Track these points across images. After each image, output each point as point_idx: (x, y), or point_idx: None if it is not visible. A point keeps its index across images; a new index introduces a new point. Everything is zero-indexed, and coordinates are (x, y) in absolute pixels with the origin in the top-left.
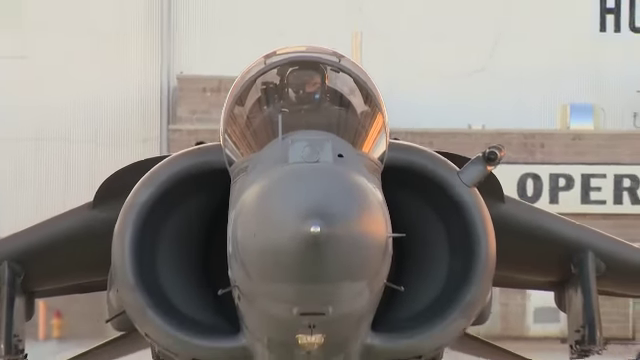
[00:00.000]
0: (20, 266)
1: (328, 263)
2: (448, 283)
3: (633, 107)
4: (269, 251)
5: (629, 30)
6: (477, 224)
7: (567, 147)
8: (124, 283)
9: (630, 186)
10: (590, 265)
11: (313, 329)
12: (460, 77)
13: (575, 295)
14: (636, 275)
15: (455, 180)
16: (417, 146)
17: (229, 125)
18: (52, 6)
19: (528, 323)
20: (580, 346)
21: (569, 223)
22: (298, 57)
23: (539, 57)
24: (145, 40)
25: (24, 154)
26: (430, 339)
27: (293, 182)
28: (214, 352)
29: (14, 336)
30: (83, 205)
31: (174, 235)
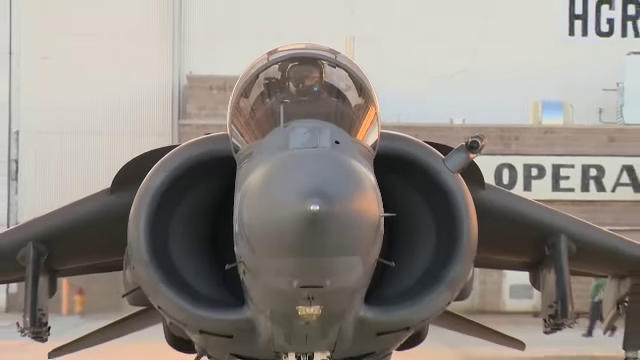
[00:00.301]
0: (44, 246)
1: (326, 239)
2: (434, 261)
3: (599, 104)
4: (272, 228)
5: (595, 34)
6: (461, 207)
7: (539, 140)
8: (139, 260)
9: (596, 175)
10: (563, 247)
11: (312, 301)
12: (444, 77)
13: (549, 274)
14: (603, 256)
15: (441, 167)
16: (407, 136)
17: (235, 116)
18: (74, 12)
19: (504, 299)
20: (553, 320)
21: (543, 208)
22: (298, 54)
23: (515, 59)
24: (158, 44)
25: (48, 145)
26: (418, 312)
27: (294, 165)
28: (220, 323)
29: (38, 310)
30: (101, 191)
31: (185, 216)
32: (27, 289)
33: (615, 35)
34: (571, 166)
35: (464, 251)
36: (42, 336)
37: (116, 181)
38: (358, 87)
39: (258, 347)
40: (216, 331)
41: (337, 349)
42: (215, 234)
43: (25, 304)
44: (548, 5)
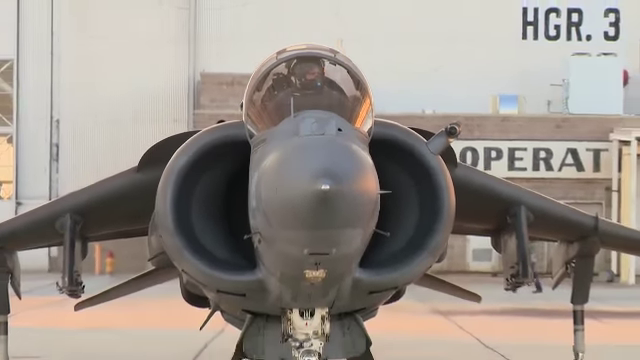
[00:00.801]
0: (79, 216)
1: (334, 214)
2: (418, 231)
3: (547, 96)
4: (288, 204)
5: (544, 38)
6: (442, 185)
7: (497, 127)
8: (166, 230)
9: (545, 157)
10: (523, 216)
11: (318, 266)
12: (418, 74)
13: (510, 239)
14: (556, 224)
15: (424, 149)
16: (396, 123)
17: (250, 107)
18: (106, 19)
19: (468, 261)
20: (514, 279)
21: (506, 183)
22: (303, 53)
23: (477, 59)
24: (176, 47)
25: (83, 131)
26: (405, 274)
27: (306, 150)
28: (235, 284)
29: (74, 271)
30: (129, 169)
31: (204, 193)
32: (65, 253)
33: (561, 39)
34: (524, 149)
35: (444, 222)
36: (77, 293)
37: (142, 161)
38: (355, 81)
39: (267, 304)
40: (231, 290)
41: (335, 306)
42: (229, 207)
43: (63, 266)
44: (505, 13)
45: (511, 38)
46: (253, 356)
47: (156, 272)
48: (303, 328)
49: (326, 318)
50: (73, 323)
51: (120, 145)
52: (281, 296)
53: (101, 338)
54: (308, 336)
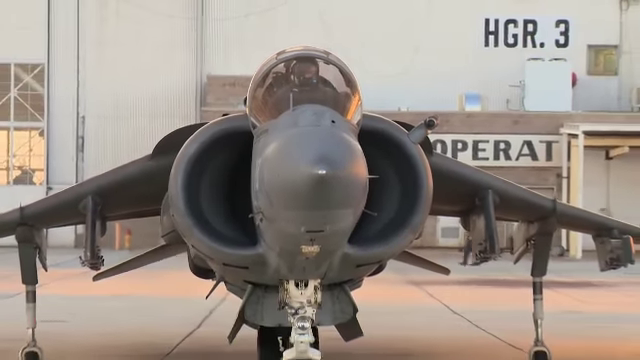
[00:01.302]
0: (99, 198)
1: (329, 195)
2: (400, 211)
3: (506, 96)
4: (288, 186)
5: (504, 45)
6: (421, 171)
7: (463, 122)
8: (177, 210)
9: (504, 148)
10: (490, 199)
11: (313, 242)
12: (395, 76)
13: (478, 220)
14: (519, 206)
15: (406, 140)
16: (381, 116)
17: (253, 102)
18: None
19: (437, 238)
20: (483, 254)
21: (475, 170)
22: (300, 54)
23: (446, 63)
24: (186, 53)
25: (105, 126)
26: (389, 249)
27: (305, 139)
28: (238, 258)
29: (95, 247)
30: (143, 157)
31: (211, 177)
32: (87, 231)
33: (518, 46)
34: (486, 141)
35: (423, 203)
36: (97, 266)
37: (155, 150)
38: (346, 79)
39: (266, 276)
40: (235, 263)
41: (326, 277)
42: (233, 190)
43: (85, 242)
44: (470, 24)
45: (475, 45)
46: (253, 321)
47: (166, 247)
48: (298, 297)
49: (318, 288)
50: (95, 291)
51: (137, 138)
52: (279, 269)
53: (119, 304)
54: (302, 304)
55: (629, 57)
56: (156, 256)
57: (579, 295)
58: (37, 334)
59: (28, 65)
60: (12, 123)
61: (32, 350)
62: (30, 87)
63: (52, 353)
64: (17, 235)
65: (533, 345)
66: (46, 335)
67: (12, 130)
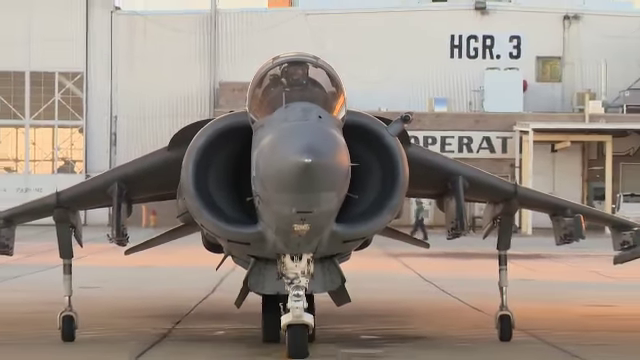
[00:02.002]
0: (124, 184)
1: (315, 180)
2: (381, 194)
3: (468, 99)
4: (280, 173)
5: (466, 57)
6: (399, 160)
7: (432, 121)
8: (188, 194)
9: (467, 142)
10: (460, 184)
11: (303, 221)
12: (376, 82)
13: (450, 201)
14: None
15: (385, 132)
16: (364, 112)
17: (252, 100)
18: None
19: (412, 217)
20: (454, 231)
21: (448, 159)
22: (292, 58)
23: (419, 72)
24: (201, 63)
25: (134, 124)
26: (371, 227)
27: (293, 132)
28: (241, 235)
29: (121, 225)
30: (162, 149)
31: (217, 165)
32: (113, 212)
33: (478, 57)
34: (452, 137)
35: (400, 188)
36: (123, 242)
37: (171, 143)
38: (332, 81)
39: (266, 250)
40: (238, 240)
41: (317, 251)
42: (236, 177)
43: (112, 222)
44: (439, 39)
45: (443, 57)
46: (255, 290)
47: (184, 227)
48: (293, 269)
49: (311, 261)
50: (124, 263)
51: (160, 134)
52: (276, 244)
53: (145, 274)
54: (297, 275)
55: (571, 67)
56: (176, 234)
57: (531, 265)
58: (74, 299)
59: (69, 73)
60: (56, 122)
61: (68, 314)
62: (71, 92)
63: (88, 314)
64: (54, 216)
65: (499, 310)
66: (83, 299)
67: (56, 128)
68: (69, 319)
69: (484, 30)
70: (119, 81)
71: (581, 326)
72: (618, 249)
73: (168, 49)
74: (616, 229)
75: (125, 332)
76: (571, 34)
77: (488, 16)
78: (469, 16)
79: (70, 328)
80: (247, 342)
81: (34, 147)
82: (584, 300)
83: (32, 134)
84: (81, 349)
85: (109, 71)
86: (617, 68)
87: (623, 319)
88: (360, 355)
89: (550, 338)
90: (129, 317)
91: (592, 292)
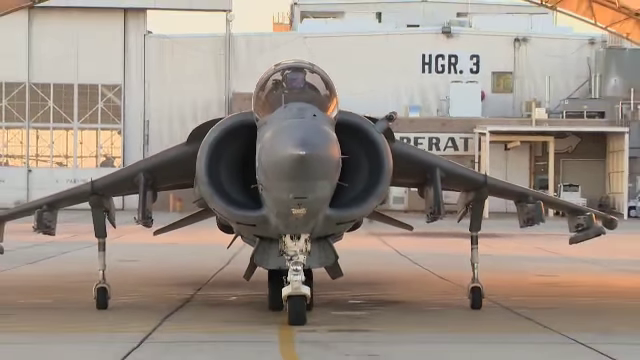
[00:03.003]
0: (149, 174)
1: (309, 170)
2: (368, 183)
3: (437, 107)
4: (279, 164)
5: (435, 72)
6: (383, 153)
7: (407, 125)
8: (202, 182)
9: (435, 142)
10: (438, 175)
11: (300, 205)
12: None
13: (429, 190)
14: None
15: (372, 130)
16: (353, 112)
17: (257, 101)
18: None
19: (390, 203)
20: (432, 215)
21: (427, 153)
22: (292, 65)
23: (396, 84)
24: (218, 76)
25: (163, 127)
26: (360, 211)
27: (291, 128)
28: (247, 217)
29: (146, 210)
30: (180, 144)
31: (227, 157)
32: (139, 199)
33: (445, 72)
34: (423, 138)
35: (385, 177)
36: (148, 224)
37: (189, 138)
38: (326, 84)
39: (269, 231)
40: (245, 222)
41: (313, 232)
42: (244, 167)
43: (138, 207)
44: (413, 58)
45: (415, 72)
46: (260, 265)
47: (203, 212)
48: (293, 247)
49: (308, 240)
50: (156, 241)
51: (184, 134)
52: (278, 226)
53: (171, 249)
54: (296, 252)
55: (520, 80)
56: (196, 218)
57: (488, 243)
58: (112, 271)
59: (110, 86)
60: (99, 125)
61: (102, 286)
62: (112, 101)
63: (126, 282)
64: (90, 202)
65: (470, 282)
66: (122, 270)
67: (99, 130)
68: (103, 290)
69: (449, 50)
70: (150, 92)
71: (531, 292)
72: (573, 231)
73: (190, 65)
74: (571, 214)
75: (155, 297)
76: (520, 53)
77: (453, 39)
78: (437, 39)
79: (104, 298)
80: (256, 306)
81: (81, 146)
82: (532, 271)
83: (79, 135)
84: (114, 313)
85: (142, 83)
86: (558, 81)
87: (564, 286)
88: (348, 317)
89: (507, 303)
90: (159, 285)
91: (538, 264)
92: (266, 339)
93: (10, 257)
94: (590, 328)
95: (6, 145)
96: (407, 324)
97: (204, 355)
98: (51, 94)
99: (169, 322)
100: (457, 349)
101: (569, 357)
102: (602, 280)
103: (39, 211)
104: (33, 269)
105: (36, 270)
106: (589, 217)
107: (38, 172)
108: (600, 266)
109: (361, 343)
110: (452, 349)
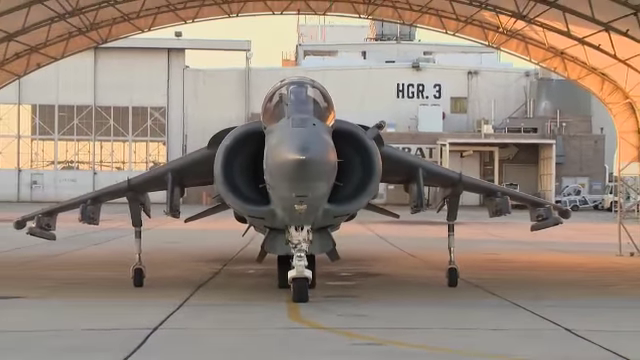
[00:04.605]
0: (176, 174)
1: (309, 172)
2: (361, 181)
3: (409, 124)
4: (283, 167)
5: (407, 97)
6: (374, 156)
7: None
8: (218, 181)
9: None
10: (421, 173)
11: (302, 202)
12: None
13: (414, 187)
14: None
15: (364, 136)
16: (349, 121)
17: (265, 112)
18: (207, 87)
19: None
20: (416, 208)
21: (412, 155)
22: (295, 80)
23: (376, 107)
24: (239, 101)
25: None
26: (355, 206)
27: (293, 136)
28: (257, 211)
29: (174, 203)
30: (202, 148)
31: (240, 160)
32: (168, 194)
33: (414, 98)
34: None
35: (376, 176)
36: (176, 216)
37: (209, 143)
38: (324, 98)
39: (277, 223)
40: (256, 215)
41: (314, 224)
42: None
43: (167, 201)
44: (389, 86)
45: (392, 97)
46: (269, 252)
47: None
48: (297, 237)
49: (310, 231)
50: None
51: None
52: (284, 218)
53: (203, 234)
54: (300, 241)
55: (472, 104)
56: (218, 209)
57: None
58: (159, 250)
59: (157, 108)
60: (148, 138)
61: (139, 267)
62: (158, 119)
63: (169, 259)
64: (127, 197)
65: (448, 264)
66: (166, 250)
67: (148, 142)
68: (139, 271)
69: (418, 80)
70: (188, 112)
71: (480, 266)
72: (534, 220)
73: (218, 92)
74: (533, 206)
75: (191, 270)
76: (473, 83)
77: (420, 72)
78: (408, 72)
79: (140, 277)
80: (269, 278)
81: (134, 154)
82: (483, 251)
83: (133, 146)
84: (160, 283)
85: (181, 106)
86: (501, 104)
87: (504, 262)
88: (340, 286)
89: (462, 275)
90: (194, 261)
91: (487, 245)
92: (277, 304)
93: (79, 240)
94: (524, 294)
95: (77, 154)
96: (386, 291)
97: (230, 315)
98: (111, 114)
99: (202, 290)
100: (423, 310)
101: (510, 316)
102: (534, 257)
103: (84, 205)
104: (97, 249)
105: (100, 250)
106: (548, 209)
107: (101, 174)
108: (533, 246)
109: (351, 306)
110: (419, 310)
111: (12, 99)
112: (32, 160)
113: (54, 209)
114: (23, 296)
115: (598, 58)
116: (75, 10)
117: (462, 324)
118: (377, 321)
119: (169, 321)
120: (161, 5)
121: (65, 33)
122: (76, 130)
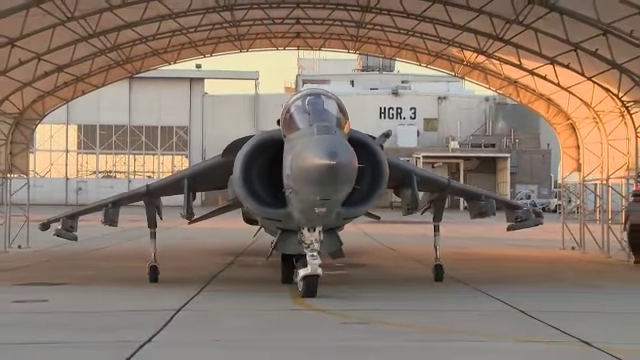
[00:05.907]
0: (192, 180)
1: (337, 177)
2: (370, 186)
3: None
4: (310, 171)
5: (388, 118)
6: (383, 162)
7: None
8: (238, 185)
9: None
10: (414, 179)
11: (323, 205)
12: None
13: (407, 190)
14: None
15: (374, 144)
16: (360, 131)
17: (284, 121)
18: (221, 111)
19: None
20: (409, 210)
21: (406, 162)
22: (312, 92)
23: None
24: (249, 121)
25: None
26: (364, 208)
27: (321, 142)
28: (274, 214)
29: (189, 207)
30: (216, 155)
31: (258, 166)
32: (184, 198)
33: (394, 118)
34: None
35: (384, 181)
36: (191, 218)
37: (224, 152)
38: (340, 108)
39: (292, 224)
40: (272, 218)
41: (325, 226)
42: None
43: (183, 204)
44: (372, 110)
45: (375, 118)
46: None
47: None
48: (309, 237)
49: (321, 232)
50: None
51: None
52: (300, 220)
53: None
54: (312, 241)
55: (442, 124)
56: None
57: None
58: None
59: (181, 127)
60: (174, 152)
61: (154, 264)
62: (182, 137)
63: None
64: (144, 201)
65: (434, 261)
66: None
67: (174, 155)
68: (154, 268)
69: (397, 104)
70: (206, 130)
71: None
72: (512, 221)
73: (231, 113)
74: (511, 209)
75: (207, 262)
76: (442, 106)
77: (399, 97)
78: (389, 97)
79: (154, 274)
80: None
81: (162, 165)
82: (452, 246)
83: (161, 159)
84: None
85: (201, 125)
86: (466, 124)
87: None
88: (333, 275)
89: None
90: (209, 254)
91: (457, 242)
92: (282, 290)
93: (117, 236)
94: (490, 282)
95: (115, 165)
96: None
97: (242, 299)
98: (143, 132)
99: (217, 279)
100: (401, 296)
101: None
102: (496, 251)
103: (105, 208)
104: (132, 244)
105: (133, 245)
106: (526, 211)
107: (135, 182)
108: (495, 242)
109: (343, 289)
110: (399, 296)
111: (61, 120)
112: (78, 170)
113: (76, 212)
114: (69, 283)
115: (545, 86)
116: (114, 47)
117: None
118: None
119: (190, 303)
120: (184, 42)
121: (105, 65)
122: (114, 145)
